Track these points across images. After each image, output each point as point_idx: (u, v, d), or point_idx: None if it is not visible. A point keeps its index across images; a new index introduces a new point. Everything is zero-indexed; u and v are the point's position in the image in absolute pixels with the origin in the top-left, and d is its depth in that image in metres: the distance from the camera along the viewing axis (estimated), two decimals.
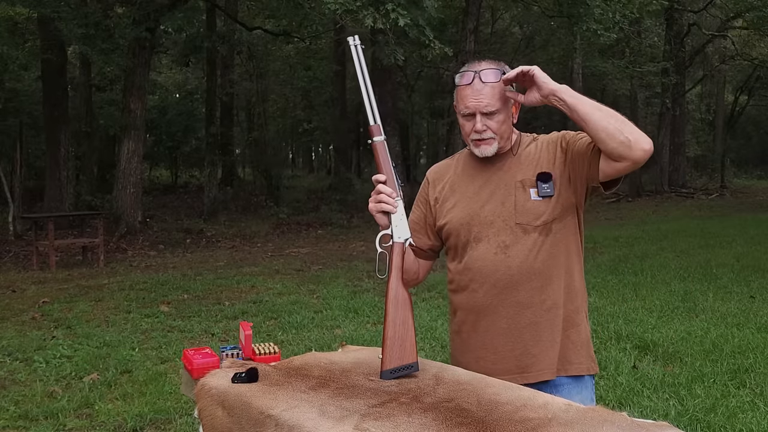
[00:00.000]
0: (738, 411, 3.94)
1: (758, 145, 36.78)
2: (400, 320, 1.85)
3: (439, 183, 2.18)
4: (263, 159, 19.25)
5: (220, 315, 6.68)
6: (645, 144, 1.85)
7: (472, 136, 2.01)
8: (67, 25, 11.10)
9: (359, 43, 2.00)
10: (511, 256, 2.00)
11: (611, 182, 1.96)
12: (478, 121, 1.98)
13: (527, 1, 17.21)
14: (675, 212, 17.48)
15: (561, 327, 2.02)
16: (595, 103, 1.89)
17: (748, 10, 19.56)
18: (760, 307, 6.61)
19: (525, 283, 2.00)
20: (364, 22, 9.90)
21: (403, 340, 1.84)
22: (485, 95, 1.96)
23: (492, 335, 2.03)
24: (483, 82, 1.96)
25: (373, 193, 1.96)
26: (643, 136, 1.86)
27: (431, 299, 7.15)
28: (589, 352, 2.09)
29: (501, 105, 1.98)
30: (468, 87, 1.98)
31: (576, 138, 2.01)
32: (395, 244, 1.92)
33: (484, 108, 1.96)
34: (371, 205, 1.95)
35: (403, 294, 1.88)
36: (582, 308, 2.08)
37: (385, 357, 1.82)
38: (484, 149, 2.01)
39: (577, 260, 2.08)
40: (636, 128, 1.86)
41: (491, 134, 1.99)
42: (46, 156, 14.60)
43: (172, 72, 25.91)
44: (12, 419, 4.01)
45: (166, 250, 11.66)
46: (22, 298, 7.60)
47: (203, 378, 1.90)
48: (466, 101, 1.98)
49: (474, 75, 1.97)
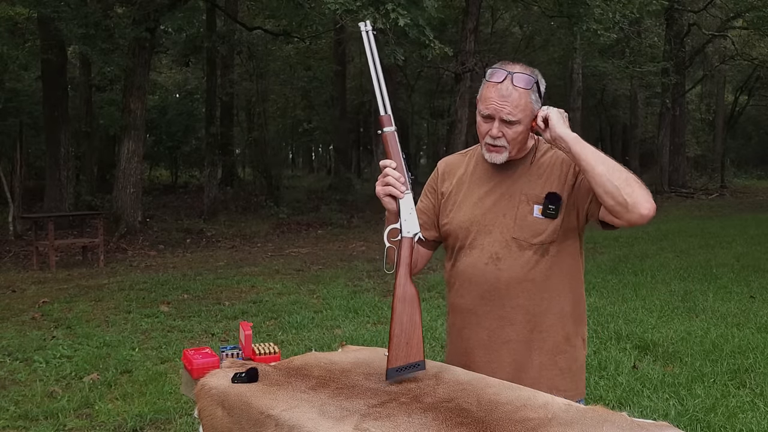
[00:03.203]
0: (738, 411, 3.94)
1: (758, 145, 36.80)
2: (407, 318, 1.81)
3: (449, 178, 2.11)
4: (263, 159, 19.24)
5: (220, 315, 6.68)
6: (644, 209, 1.76)
7: (486, 139, 1.94)
8: (67, 25, 11.09)
9: (371, 29, 1.92)
10: (501, 269, 1.95)
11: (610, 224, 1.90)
12: (495, 127, 1.90)
13: (527, 1, 17.20)
14: (675, 212, 17.48)
15: (548, 350, 1.96)
16: (602, 155, 1.81)
17: (748, 10, 19.57)
18: (760, 307, 6.61)
19: (512, 299, 1.95)
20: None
21: (409, 338, 1.80)
22: (510, 102, 1.87)
23: (473, 345, 2.01)
24: (514, 86, 1.87)
25: (380, 177, 1.88)
26: (644, 198, 1.77)
27: (431, 299, 7.15)
28: (578, 380, 2.01)
29: (523, 116, 1.89)
30: (495, 87, 1.88)
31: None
32: (404, 239, 1.86)
33: (505, 115, 1.88)
34: (378, 189, 1.88)
35: (411, 291, 1.83)
36: (575, 334, 2.01)
37: (391, 355, 1.78)
38: (493, 157, 1.95)
39: (575, 285, 2.01)
40: (640, 189, 1.78)
41: (504, 143, 1.92)
42: (46, 156, 14.59)
43: (172, 72, 25.90)
44: (12, 419, 4.01)
45: (166, 250, 11.66)
46: (22, 298, 7.60)
47: (203, 378, 1.90)
48: (488, 102, 1.89)
49: (507, 75, 1.88)
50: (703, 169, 28.72)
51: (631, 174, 1.80)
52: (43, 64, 14.10)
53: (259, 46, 18.38)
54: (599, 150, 1.84)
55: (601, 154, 1.82)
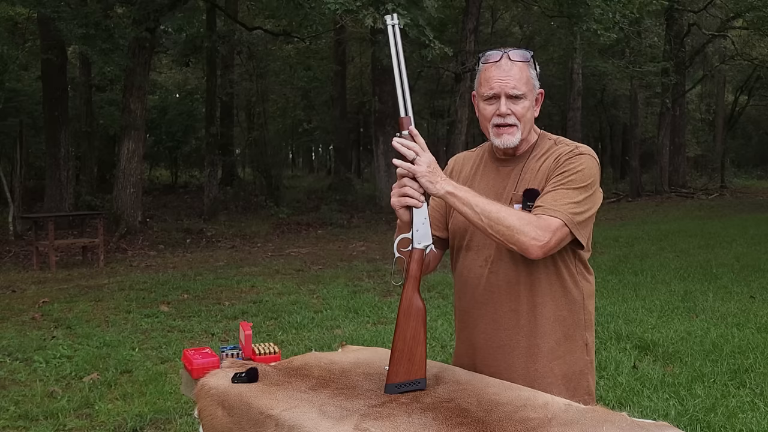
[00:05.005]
0: (738, 411, 3.94)
1: (758, 145, 36.80)
2: (411, 333, 1.74)
3: (457, 174, 2.06)
4: (263, 159, 19.25)
5: (220, 315, 6.67)
6: (533, 252, 1.73)
7: (494, 120, 1.86)
8: (67, 25, 11.09)
9: (397, 22, 1.80)
10: (494, 271, 1.90)
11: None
12: (503, 104, 1.83)
13: (527, 1, 17.21)
14: (675, 212, 17.49)
15: (544, 356, 1.90)
16: (476, 204, 1.75)
17: (748, 10, 19.57)
18: (760, 307, 6.61)
19: (504, 303, 1.90)
20: (364, 22, 9.90)
21: (411, 353, 1.73)
22: (512, 76, 1.82)
23: (472, 347, 1.99)
24: (512, 61, 1.83)
25: (395, 186, 1.78)
26: (528, 242, 1.72)
27: (431, 299, 7.14)
28: (580, 387, 1.92)
29: (527, 89, 1.84)
30: (495, 65, 1.84)
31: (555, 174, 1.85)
32: (415, 251, 1.77)
33: (511, 90, 1.82)
34: (394, 200, 1.78)
35: (417, 305, 1.75)
36: (575, 339, 1.92)
37: (392, 370, 1.73)
38: (506, 139, 1.86)
39: (572, 289, 1.92)
40: (522, 233, 1.72)
41: (515, 120, 1.84)
42: (46, 156, 14.59)
43: (172, 72, 25.91)
44: (12, 419, 4.01)
45: (166, 250, 11.66)
46: (22, 298, 7.59)
47: (203, 378, 1.91)
48: (492, 82, 1.83)
49: (502, 54, 1.85)
50: (703, 169, 28.75)
51: (512, 217, 1.74)
52: (43, 64, 14.11)
53: (259, 46, 18.39)
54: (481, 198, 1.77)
55: (476, 202, 1.75)
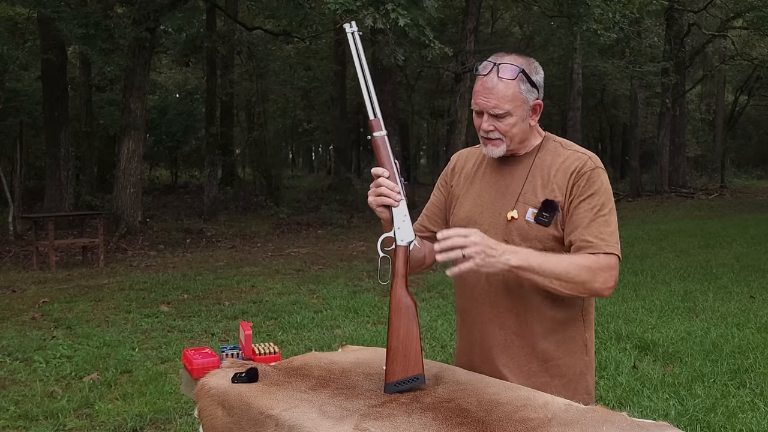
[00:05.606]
0: (738, 411, 3.94)
1: (758, 145, 36.81)
2: (403, 330, 1.76)
3: (459, 171, 2.08)
4: (263, 159, 19.25)
5: (220, 315, 6.68)
6: (605, 292, 1.80)
7: (481, 133, 1.91)
8: (67, 25, 11.09)
9: (356, 29, 1.84)
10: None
11: None
12: (485, 121, 1.86)
13: (527, 1, 17.21)
14: (675, 212, 17.49)
15: (539, 356, 1.90)
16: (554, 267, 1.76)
17: (748, 10, 19.58)
18: (760, 307, 6.61)
19: (501, 303, 1.91)
20: (364, 22, 9.90)
21: (406, 350, 1.75)
22: (495, 95, 1.83)
23: (470, 345, 2.00)
24: (499, 77, 1.83)
25: (372, 186, 1.83)
26: (600, 285, 1.78)
27: (431, 299, 7.14)
28: (577, 388, 1.93)
29: (512, 107, 1.84)
30: (482, 80, 1.86)
31: (581, 199, 1.85)
32: (398, 248, 1.81)
33: (491, 109, 1.84)
34: (371, 199, 1.83)
35: (406, 302, 1.77)
36: (572, 340, 1.93)
37: (389, 369, 1.74)
38: (490, 150, 1.91)
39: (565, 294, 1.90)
40: (595, 281, 1.77)
41: (498, 135, 1.87)
42: (46, 156, 14.60)
43: (172, 72, 25.91)
44: (12, 419, 4.01)
45: (166, 250, 11.66)
46: (22, 298, 7.60)
47: (203, 378, 1.91)
48: (476, 97, 1.87)
49: (493, 67, 1.85)
50: (703, 169, 28.75)
51: (577, 269, 1.76)
52: (43, 64, 14.11)
53: (259, 46, 18.38)
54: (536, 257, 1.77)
55: (541, 269, 1.75)
